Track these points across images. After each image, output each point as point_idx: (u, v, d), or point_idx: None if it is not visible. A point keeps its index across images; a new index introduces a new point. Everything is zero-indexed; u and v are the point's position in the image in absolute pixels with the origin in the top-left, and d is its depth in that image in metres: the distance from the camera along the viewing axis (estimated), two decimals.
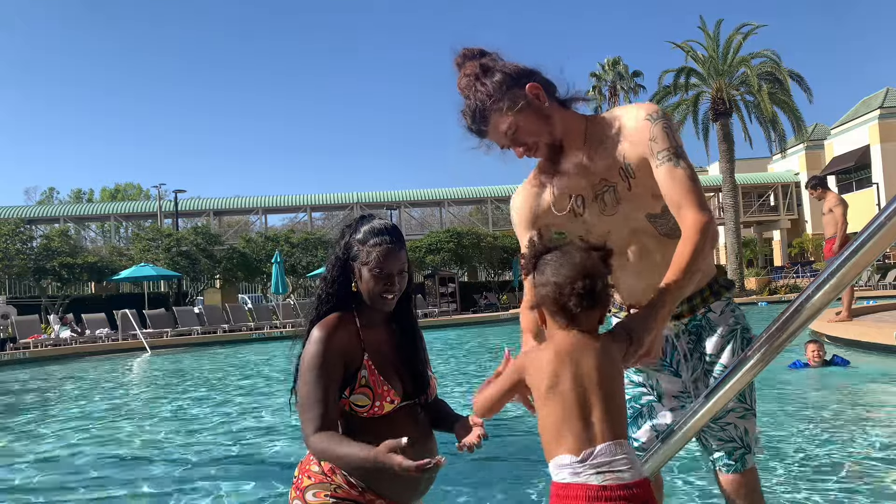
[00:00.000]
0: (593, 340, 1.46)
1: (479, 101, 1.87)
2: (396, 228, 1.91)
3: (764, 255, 51.40)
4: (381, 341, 1.91)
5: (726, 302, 2.09)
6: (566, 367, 1.42)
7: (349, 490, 1.80)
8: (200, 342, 19.13)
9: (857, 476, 4.04)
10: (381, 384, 1.82)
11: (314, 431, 1.75)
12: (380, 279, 1.84)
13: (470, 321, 23.45)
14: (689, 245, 1.75)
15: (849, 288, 8.95)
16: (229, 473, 4.93)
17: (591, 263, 1.46)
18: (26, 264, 28.81)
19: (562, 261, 1.47)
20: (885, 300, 16.86)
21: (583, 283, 1.42)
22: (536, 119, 1.88)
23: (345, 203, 44.90)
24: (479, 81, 1.88)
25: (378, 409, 1.81)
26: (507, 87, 1.86)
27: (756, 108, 30.54)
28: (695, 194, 1.81)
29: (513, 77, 1.88)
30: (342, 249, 1.90)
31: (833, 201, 9.59)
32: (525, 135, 1.90)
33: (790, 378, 7.24)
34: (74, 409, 8.65)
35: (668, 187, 1.82)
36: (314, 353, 1.79)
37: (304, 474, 1.86)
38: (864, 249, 1.27)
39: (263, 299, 36.91)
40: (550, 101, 1.91)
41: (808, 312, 1.43)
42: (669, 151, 1.82)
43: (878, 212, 1.26)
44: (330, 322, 1.84)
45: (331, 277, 1.90)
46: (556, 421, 1.42)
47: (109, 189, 67.10)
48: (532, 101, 1.87)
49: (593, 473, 1.38)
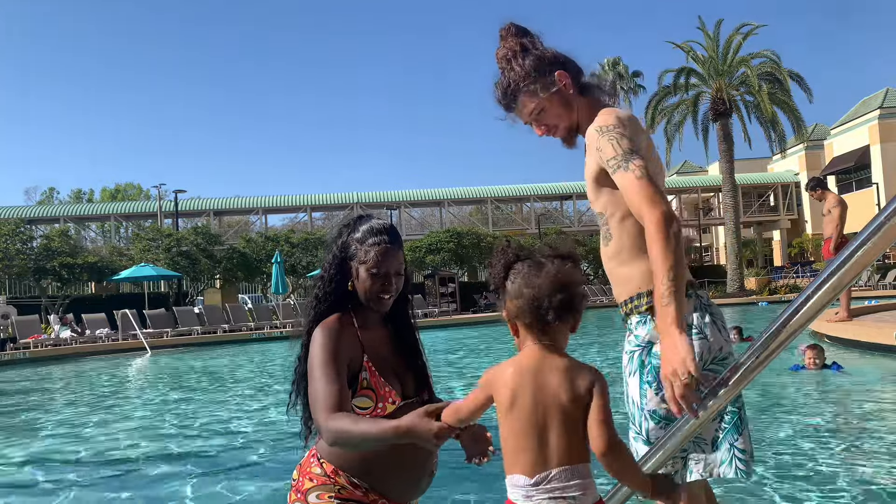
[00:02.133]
0: (561, 359, 1.42)
1: (512, 80, 2.01)
2: (395, 229, 1.91)
3: (764, 255, 51.40)
4: (378, 342, 1.89)
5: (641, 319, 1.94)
6: (527, 384, 1.39)
7: (353, 491, 1.77)
8: (200, 342, 19.12)
9: (858, 476, 4.03)
10: (383, 385, 1.81)
11: (328, 418, 1.67)
12: (377, 279, 1.83)
13: (470, 321, 23.44)
14: (653, 247, 1.72)
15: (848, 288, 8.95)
16: (229, 473, 4.92)
17: (567, 273, 1.43)
18: (26, 264, 28.82)
19: (536, 271, 1.43)
20: (885, 300, 16.87)
21: (561, 296, 1.40)
22: (561, 105, 2.02)
23: (345, 203, 44.90)
24: (515, 60, 2.01)
25: (381, 410, 1.79)
26: (540, 71, 1.99)
27: (756, 108, 30.56)
28: (643, 193, 1.77)
29: (547, 62, 2.00)
30: (340, 248, 1.88)
31: (833, 202, 9.62)
32: (548, 118, 2.04)
33: (790, 379, 7.23)
34: (74, 409, 8.64)
35: (624, 196, 1.85)
36: (323, 351, 1.76)
37: (304, 476, 1.81)
38: (864, 249, 1.27)
39: (263, 299, 36.89)
40: (575, 89, 2.02)
41: (807, 313, 1.43)
42: (616, 160, 1.84)
43: (878, 212, 1.26)
44: (332, 322, 1.82)
45: (328, 276, 1.88)
46: (513, 438, 1.40)
47: (109, 189, 67.10)
48: (560, 88, 2.00)
49: (546, 498, 1.36)
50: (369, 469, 1.78)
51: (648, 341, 1.91)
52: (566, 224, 45.94)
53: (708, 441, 1.90)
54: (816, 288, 1.38)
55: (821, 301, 1.40)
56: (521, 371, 1.40)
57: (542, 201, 49.25)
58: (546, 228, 41.82)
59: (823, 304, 1.41)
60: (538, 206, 48.53)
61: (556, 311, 1.39)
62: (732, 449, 1.88)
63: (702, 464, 1.90)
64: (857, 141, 42.49)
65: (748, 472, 1.87)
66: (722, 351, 1.91)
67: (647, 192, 1.76)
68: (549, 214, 48.94)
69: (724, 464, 1.88)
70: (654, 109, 32.35)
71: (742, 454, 1.87)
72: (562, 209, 50.22)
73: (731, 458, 1.88)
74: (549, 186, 47.60)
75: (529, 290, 1.41)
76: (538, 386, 1.38)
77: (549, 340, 1.42)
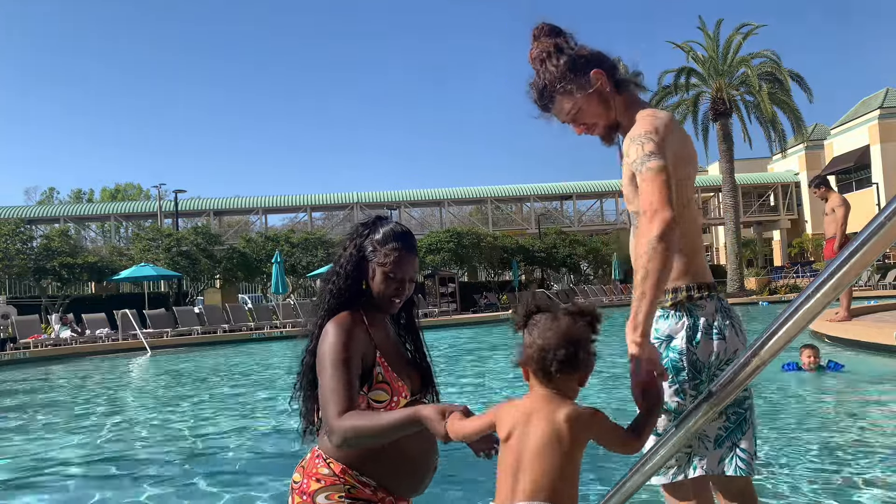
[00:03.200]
0: (560, 406, 1.51)
1: (548, 81, 2.01)
2: (412, 235, 1.95)
3: (764, 255, 51.42)
4: (386, 339, 1.93)
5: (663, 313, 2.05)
6: (520, 424, 1.51)
7: (362, 489, 1.78)
8: (200, 342, 19.12)
9: (858, 476, 4.03)
10: (396, 380, 1.84)
11: (340, 414, 1.69)
12: (392, 282, 1.87)
13: (470, 321, 23.43)
14: (639, 251, 1.76)
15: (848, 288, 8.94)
16: (230, 473, 4.93)
17: (577, 331, 1.52)
18: (26, 264, 28.81)
19: (549, 324, 1.54)
20: (885, 300, 16.87)
21: (565, 351, 1.50)
22: (598, 104, 2.03)
23: (345, 203, 44.93)
24: (550, 61, 2.00)
25: (395, 404, 1.82)
26: (575, 71, 1.99)
27: (756, 108, 30.56)
28: (648, 198, 1.78)
29: (582, 62, 2.00)
30: (357, 248, 1.91)
31: (836, 201, 9.58)
32: (586, 117, 2.04)
33: (789, 379, 7.23)
34: (74, 409, 8.65)
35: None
36: (337, 347, 1.76)
37: (310, 478, 1.80)
38: (864, 249, 1.27)
39: (263, 299, 36.92)
40: (612, 87, 2.02)
41: (807, 313, 1.42)
42: (637, 162, 1.86)
43: (878, 212, 1.25)
44: (345, 318, 1.83)
45: (345, 273, 1.90)
46: (501, 469, 1.52)
47: (109, 189, 67.08)
48: (596, 86, 2.00)
49: None
50: (377, 466, 1.79)
51: (668, 335, 1.98)
52: (566, 224, 45.93)
53: (711, 438, 1.94)
54: (816, 288, 1.38)
55: (821, 301, 1.39)
56: (519, 411, 1.53)
57: (542, 201, 49.26)
58: (546, 228, 41.81)
59: (824, 305, 1.41)
60: (538, 206, 48.54)
61: (560, 364, 1.49)
62: (735, 448, 1.92)
63: (705, 460, 1.94)
64: (857, 141, 42.50)
65: (748, 471, 1.90)
66: (736, 353, 1.96)
67: (653, 197, 1.78)
68: (549, 214, 48.95)
69: (725, 461, 1.92)
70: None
71: (744, 453, 1.91)
72: (562, 209, 50.23)
73: (732, 457, 1.92)
74: (549, 186, 47.60)
75: (540, 340, 1.52)
76: (528, 426, 1.50)
77: (553, 388, 1.53)
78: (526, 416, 1.51)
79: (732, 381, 1.61)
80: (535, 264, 39.68)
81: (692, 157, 2.07)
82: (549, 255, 37.12)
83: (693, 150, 2.10)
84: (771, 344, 1.50)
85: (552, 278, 44.45)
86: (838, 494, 3.71)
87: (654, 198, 1.77)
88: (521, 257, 36.86)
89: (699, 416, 1.68)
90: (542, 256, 37.15)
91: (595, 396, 7.17)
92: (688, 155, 2.04)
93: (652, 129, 1.90)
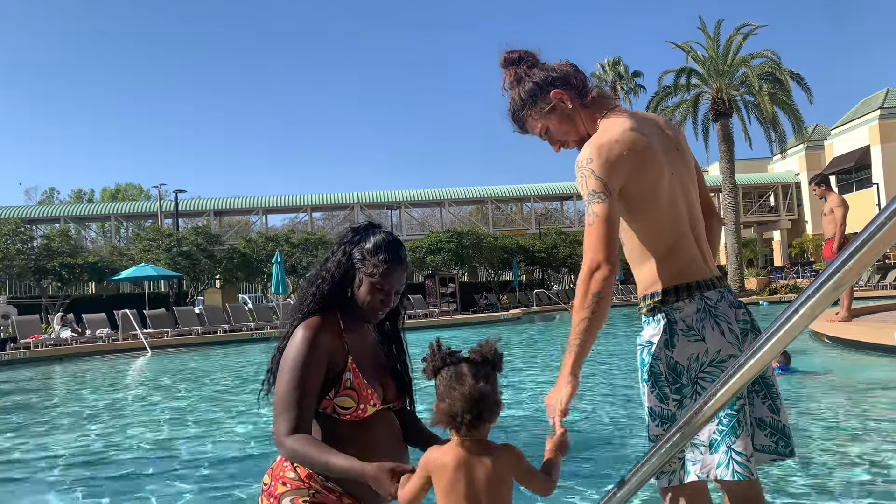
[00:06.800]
0: (485, 450, 1.61)
1: (514, 109, 2.17)
2: (403, 247, 1.94)
3: (764, 256, 51.42)
4: (362, 345, 1.92)
5: (645, 319, 2.13)
6: (462, 473, 1.58)
7: (327, 495, 1.79)
8: (201, 342, 19.14)
9: (858, 476, 4.04)
10: (365, 387, 1.83)
11: (288, 433, 1.74)
12: (379, 293, 1.87)
13: (470, 321, 23.42)
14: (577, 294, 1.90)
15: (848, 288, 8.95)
16: (229, 473, 4.93)
17: (479, 390, 1.57)
18: (27, 264, 28.82)
19: (454, 385, 1.59)
20: (885, 300, 16.88)
21: (471, 415, 1.56)
22: (563, 122, 2.13)
23: (345, 203, 44.93)
24: (514, 90, 2.16)
25: (361, 411, 1.82)
26: (536, 96, 2.11)
27: (756, 108, 30.55)
28: (588, 240, 1.91)
29: (541, 85, 2.11)
30: (346, 254, 1.90)
31: (835, 202, 9.58)
32: (556, 134, 2.16)
33: (788, 379, 7.24)
34: (74, 409, 8.65)
35: None
36: (298, 354, 1.78)
37: (277, 481, 1.82)
38: (864, 249, 1.27)
39: (264, 299, 36.91)
40: (575, 103, 2.10)
41: (807, 313, 1.42)
42: (585, 198, 1.96)
43: (879, 212, 1.25)
44: (314, 323, 1.83)
45: (330, 278, 1.89)
46: None
47: (110, 189, 67.09)
48: (558, 105, 2.10)
49: None
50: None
51: (648, 340, 2.01)
52: (566, 224, 45.95)
53: (705, 443, 1.92)
54: (817, 288, 1.38)
55: (821, 301, 1.39)
56: (456, 462, 1.59)
57: (542, 201, 49.26)
58: (546, 228, 41.82)
59: (824, 305, 1.41)
60: (538, 206, 48.54)
61: (469, 426, 1.57)
62: (730, 451, 1.88)
63: (699, 465, 1.92)
64: (858, 141, 42.51)
65: (747, 475, 1.87)
66: (720, 353, 1.94)
67: (590, 241, 1.89)
68: (549, 214, 48.95)
69: (722, 466, 1.89)
70: (655, 110, 32.27)
71: (740, 456, 1.87)
72: (562, 209, 50.24)
73: (728, 461, 1.88)
74: (549, 186, 47.61)
75: (445, 406, 1.59)
76: (470, 474, 1.58)
77: (469, 437, 1.60)
78: (466, 465, 1.59)
79: (731, 381, 1.61)
80: (535, 264, 39.69)
81: (657, 156, 1.97)
82: (549, 255, 37.12)
83: (669, 143, 2.07)
84: (771, 344, 1.49)
85: (552, 278, 44.48)
86: (838, 494, 3.71)
87: (592, 252, 1.88)
88: (522, 257, 36.87)
89: (699, 418, 1.67)
90: (543, 257, 37.16)
91: (598, 390, 7.18)
92: (650, 156, 1.96)
93: (595, 153, 1.94)
